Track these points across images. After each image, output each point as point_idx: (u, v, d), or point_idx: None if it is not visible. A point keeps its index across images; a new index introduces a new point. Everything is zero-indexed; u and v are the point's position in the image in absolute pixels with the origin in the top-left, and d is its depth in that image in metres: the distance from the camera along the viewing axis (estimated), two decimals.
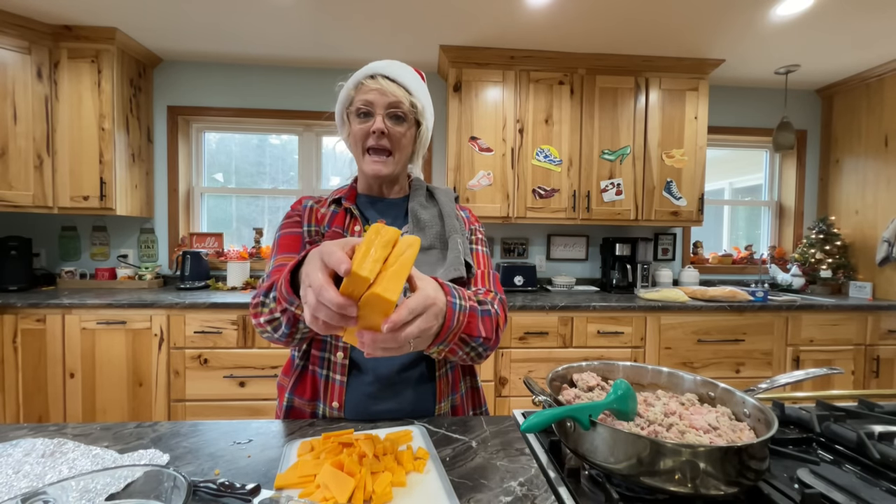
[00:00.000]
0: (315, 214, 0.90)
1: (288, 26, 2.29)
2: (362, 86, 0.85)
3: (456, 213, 0.93)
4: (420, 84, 0.90)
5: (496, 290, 0.88)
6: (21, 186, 2.24)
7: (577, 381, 0.76)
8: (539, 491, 0.58)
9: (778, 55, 2.56)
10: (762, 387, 0.73)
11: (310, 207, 0.91)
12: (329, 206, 0.91)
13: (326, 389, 0.83)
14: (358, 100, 0.85)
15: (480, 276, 0.89)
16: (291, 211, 0.92)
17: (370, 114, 0.84)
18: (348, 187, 0.95)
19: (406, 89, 0.86)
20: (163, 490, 0.47)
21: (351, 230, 0.88)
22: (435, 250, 0.87)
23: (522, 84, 2.54)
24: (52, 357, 2.11)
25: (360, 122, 0.85)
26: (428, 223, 0.89)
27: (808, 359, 2.41)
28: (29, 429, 0.72)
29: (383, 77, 0.85)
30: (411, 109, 0.86)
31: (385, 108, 0.84)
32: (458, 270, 0.82)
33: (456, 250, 0.85)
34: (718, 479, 0.51)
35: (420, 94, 0.88)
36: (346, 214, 0.90)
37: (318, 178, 2.95)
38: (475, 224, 0.97)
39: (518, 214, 2.56)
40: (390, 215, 0.93)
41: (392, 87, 0.84)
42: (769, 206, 3.27)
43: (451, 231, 0.88)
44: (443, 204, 0.93)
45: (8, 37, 2.17)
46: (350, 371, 0.82)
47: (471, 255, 0.90)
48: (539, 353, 2.27)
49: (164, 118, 2.74)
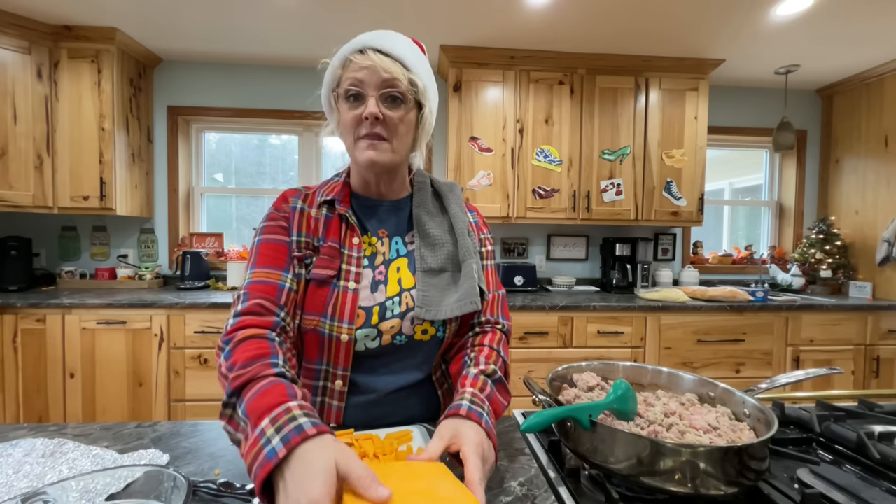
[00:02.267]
0: (306, 220, 0.75)
1: (288, 26, 2.29)
2: (351, 63, 0.70)
3: (468, 225, 0.83)
4: (420, 58, 0.75)
5: (503, 318, 0.83)
6: (21, 186, 2.24)
7: (577, 381, 0.76)
8: (539, 491, 0.58)
9: (778, 55, 2.56)
10: (762, 387, 0.73)
11: (299, 210, 0.76)
12: (320, 207, 0.77)
13: (322, 414, 0.76)
14: (346, 79, 0.70)
15: (491, 301, 0.82)
16: (275, 211, 0.76)
17: (361, 96, 0.70)
18: (341, 183, 0.80)
19: (403, 64, 0.70)
20: (163, 490, 0.47)
21: (349, 243, 0.75)
22: (446, 273, 0.78)
23: (522, 84, 2.54)
24: (52, 357, 2.11)
25: (350, 107, 0.71)
26: (438, 240, 0.78)
27: (808, 359, 2.41)
28: (29, 429, 0.72)
29: (375, 51, 0.69)
30: (410, 88, 0.70)
31: (378, 89, 0.69)
32: (473, 304, 0.74)
33: (471, 278, 0.76)
34: (718, 479, 0.51)
35: (420, 71, 0.73)
36: (342, 222, 0.77)
37: (318, 178, 2.95)
38: (484, 231, 0.88)
39: (518, 214, 2.56)
40: (392, 223, 0.81)
41: (386, 62, 0.69)
42: (769, 206, 3.27)
43: (466, 254, 0.78)
44: (454, 216, 0.81)
45: (8, 37, 2.17)
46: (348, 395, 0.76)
47: (484, 279, 0.81)
48: (539, 353, 2.27)
49: (164, 118, 2.74)
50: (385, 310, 0.74)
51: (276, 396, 0.50)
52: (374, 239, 0.79)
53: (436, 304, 0.74)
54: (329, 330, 0.71)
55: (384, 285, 0.75)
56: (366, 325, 0.73)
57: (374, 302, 0.74)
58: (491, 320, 0.81)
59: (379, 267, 0.77)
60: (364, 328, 0.73)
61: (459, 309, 0.74)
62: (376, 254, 0.78)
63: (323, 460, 0.43)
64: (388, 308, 0.74)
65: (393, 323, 0.74)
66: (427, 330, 0.76)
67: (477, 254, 0.82)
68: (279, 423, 0.47)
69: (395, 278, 0.76)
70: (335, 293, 0.72)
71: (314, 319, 0.71)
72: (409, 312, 0.75)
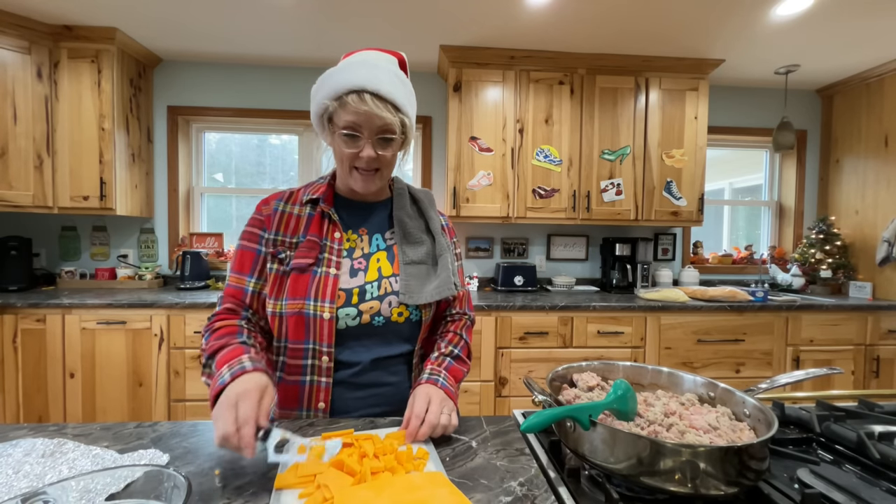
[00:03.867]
0: (285, 220, 0.85)
1: (288, 26, 2.29)
2: (346, 104, 0.76)
3: (441, 226, 0.95)
4: (406, 89, 0.82)
5: (469, 311, 0.98)
6: (21, 186, 2.24)
7: (577, 381, 0.76)
8: (539, 491, 0.58)
9: (778, 55, 2.56)
10: (762, 387, 0.73)
11: (280, 211, 0.86)
12: (305, 205, 0.87)
13: (311, 394, 0.83)
14: (343, 119, 0.77)
15: (461, 297, 0.97)
16: (254, 216, 0.86)
17: (357, 136, 0.78)
18: (325, 185, 0.89)
19: (395, 105, 0.78)
20: (163, 490, 0.47)
21: (330, 236, 0.85)
22: (425, 266, 0.89)
23: (522, 84, 2.54)
24: (52, 357, 2.11)
25: (347, 144, 0.79)
26: (417, 238, 0.90)
27: (808, 359, 2.41)
28: (29, 429, 0.72)
29: (371, 95, 0.76)
30: (400, 128, 0.80)
31: (374, 133, 0.78)
32: (449, 290, 0.87)
33: (447, 269, 0.88)
34: (718, 479, 0.51)
35: (408, 107, 0.81)
36: (324, 219, 0.87)
37: (317, 178, 2.94)
38: (453, 237, 0.99)
39: (518, 214, 2.56)
40: (372, 222, 0.91)
41: (381, 109, 0.76)
42: (769, 206, 3.27)
43: (442, 250, 0.91)
44: (430, 218, 0.94)
45: (8, 37, 2.17)
46: (335, 371, 0.84)
47: (457, 275, 0.93)
48: (539, 353, 2.27)
49: (164, 118, 2.74)
50: (364, 292, 0.84)
51: (234, 353, 0.73)
52: (354, 235, 0.89)
53: (417, 291, 0.85)
54: (313, 310, 0.80)
55: (363, 273, 0.86)
56: (346, 305, 0.82)
57: (353, 284, 0.84)
58: (459, 312, 0.97)
59: (358, 259, 0.87)
60: (345, 307, 0.82)
61: (438, 294, 0.86)
62: (355, 248, 0.88)
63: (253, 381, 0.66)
64: (367, 291, 0.84)
65: (372, 304, 0.83)
66: (402, 313, 0.85)
67: (451, 249, 0.94)
68: (231, 365, 0.70)
69: (374, 267, 0.87)
70: (317, 278, 0.82)
71: (298, 303, 0.80)
72: (387, 296, 0.84)
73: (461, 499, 0.53)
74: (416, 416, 0.70)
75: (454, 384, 0.82)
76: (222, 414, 0.59)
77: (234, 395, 0.62)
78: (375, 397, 0.85)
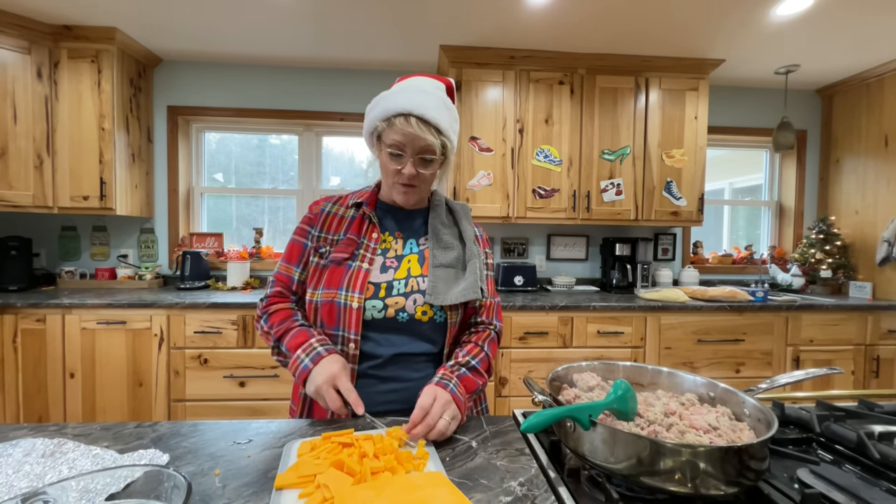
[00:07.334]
0: (330, 219, 0.95)
1: (288, 26, 2.29)
2: (393, 124, 0.85)
3: (474, 236, 0.99)
4: (450, 114, 0.90)
5: (497, 321, 0.99)
6: (21, 186, 2.24)
7: (577, 381, 0.76)
8: (539, 491, 0.58)
9: (778, 55, 2.56)
10: (762, 387, 0.73)
11: (327, 212, 0.96)
12: (350, 208, 0.96)
13: None
14: (390, 138, 0.86)
15: (488, 306, 0.98)
16: (306, 215, 0.97)
17: (400, 155, 0.87)
18: (370, 192, 0.99)
19: (438, 128, 0.86)
20: (163, 490, 0.47)
21: (368, 236, 0.93)
22: (453, 269, 0.93)
23: (522, 84, 2.54)
24: (52, 357, 2.11)
25: (392, 161, 0.88)
26: (449, 244, 0.95)
27: (808, 359, 2.41)
28: (29, 429, 0.72)
29: (417, 119, 0.84)
30: (440, 149, 0.88)
31: (416, 153, 0.86)
32: (475, 293, 0.90)
33: (474, 274, 0.92)
34: (718, 479, 0.51)
35: (450, 130, 0.89)
36: (364, 220, 0.95)
37: (318, 178, 2.95)
38: (487, 247, 1.03)
39: (518, 214, 2.56)
40: (408, 227, 0.98)
41: (425, 132, 0.84)
42: (769, 206, 3.27)
43: (471, 255, 0.95)
44: (464, 228, 0.99)
45: (8, 37, 2.17)
46: (360, 361, 0.88)
47: (485, 282, 0.96)
48: (539, 353, 2.27)
49: (164, 118, 2.74)
50: (391, 287, 0.89)
51: (302, 337, 0.86)
52: (390, 238, 0.96)
53: (442, 292, 0.89)
54: (343, 299, 0.87)
55: (394, 270, 0.92)
56: (374, 297, 0.88)
57: (382, 279, 0.90)
58: (486, 322, 0.98)
59: (391, 258, 0.93)
60: (372, 299, 0.88)
61: (463, 296, 0.89)
62: (389, 249, 0.95)
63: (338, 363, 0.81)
64: (394, 287, 0.89)
65: (398, 300, 0.89)
66: (427, 312, 0.89)
67: (481, 258, 0.97)
68: (306, 350, 0.84)
69: (405, 267, 0.92)
70: (350, 270, 0.89)
71: (332, 292, 0.88)
72: (413, 294, 0.89)
73: (461, 499, 0.53)
74: (421, 407, 0.72)
75: (464, 393, 0.82)
76: (327, 392, 0.77)
77: (330, 377, 0.77)
78: (396, 392, 0.88)
